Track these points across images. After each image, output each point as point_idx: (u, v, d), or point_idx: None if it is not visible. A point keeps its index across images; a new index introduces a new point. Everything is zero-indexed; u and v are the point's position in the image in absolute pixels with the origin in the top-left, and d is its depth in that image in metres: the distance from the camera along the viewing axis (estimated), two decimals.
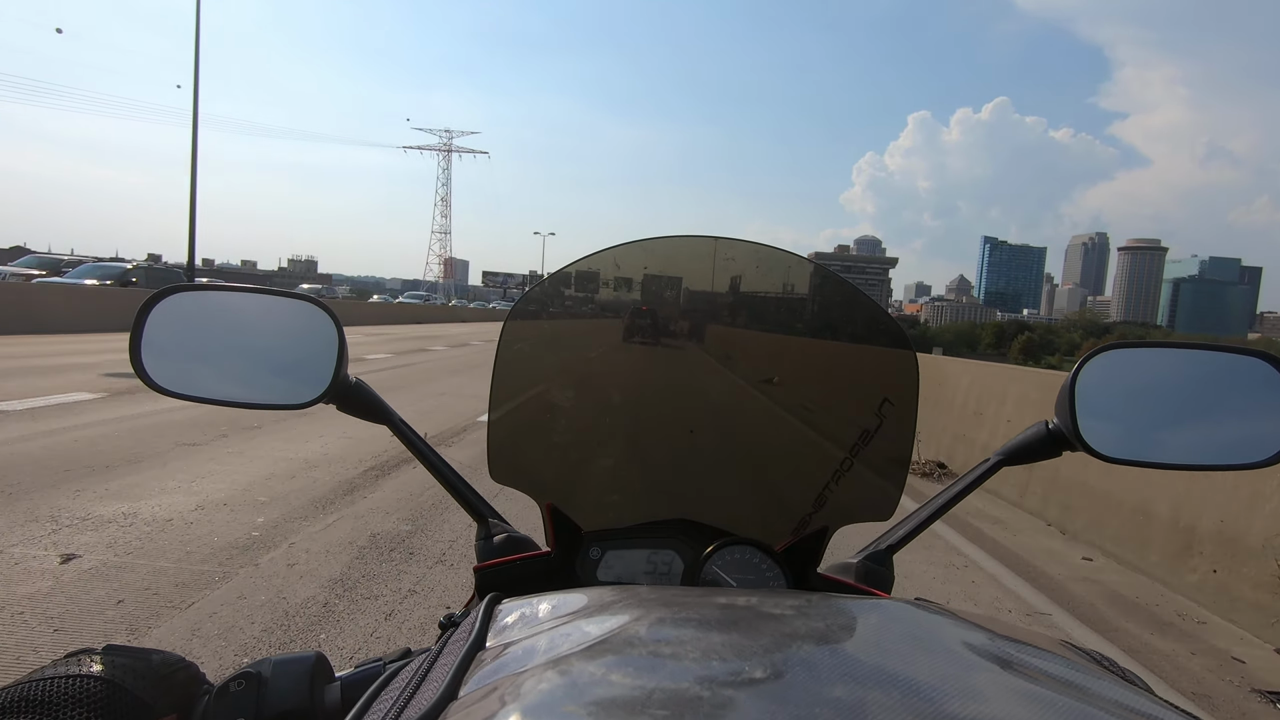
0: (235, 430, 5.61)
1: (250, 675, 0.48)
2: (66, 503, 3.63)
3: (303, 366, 0.71)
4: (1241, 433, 0.69)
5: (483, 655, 0.40)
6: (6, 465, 4.18)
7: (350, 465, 4.90)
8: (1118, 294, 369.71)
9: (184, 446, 5.04)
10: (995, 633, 0.42)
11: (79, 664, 0.43)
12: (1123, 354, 0.73)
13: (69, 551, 3.00)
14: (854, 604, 0.47)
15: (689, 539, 0.76)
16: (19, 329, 12.01)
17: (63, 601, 2.58)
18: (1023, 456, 0.75)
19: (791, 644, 0.38)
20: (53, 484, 3.92)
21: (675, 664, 0.35)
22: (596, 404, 0.83)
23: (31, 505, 3.55)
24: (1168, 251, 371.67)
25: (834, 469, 0.76)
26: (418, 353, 15.37)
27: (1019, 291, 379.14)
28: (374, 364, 11.92)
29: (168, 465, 4.52)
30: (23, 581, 2.71)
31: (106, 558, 2.99)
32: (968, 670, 0.36)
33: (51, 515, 3.43)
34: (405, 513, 3.97)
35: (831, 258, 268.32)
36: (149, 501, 3.77)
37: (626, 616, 0.41)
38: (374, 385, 0.77)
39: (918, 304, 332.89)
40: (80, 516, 3.45)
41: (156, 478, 4.23)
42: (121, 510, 3.59)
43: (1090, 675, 0.38)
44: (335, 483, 4.46)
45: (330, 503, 4.07)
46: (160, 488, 4.04)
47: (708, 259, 0.81)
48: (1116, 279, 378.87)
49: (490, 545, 0.75)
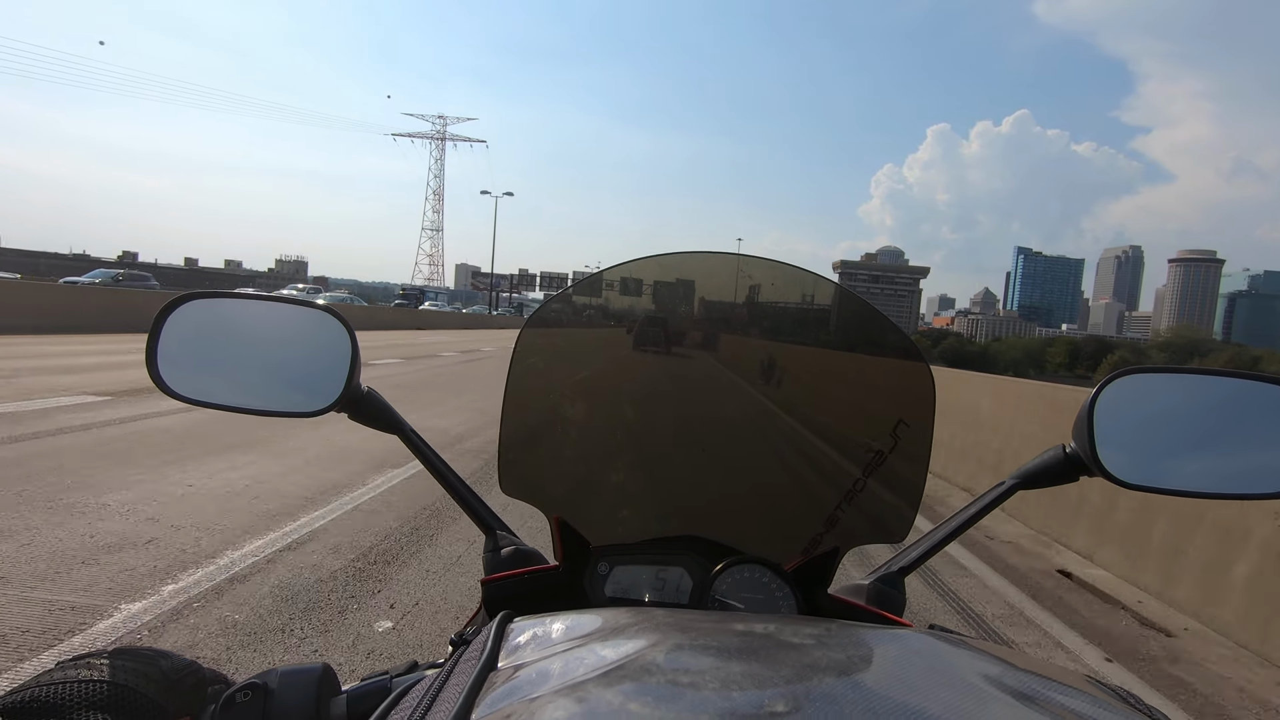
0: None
1: (257, 686, 0.48)
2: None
3: (315, 374, 0.71)
4: (1261, 461, 0.68)
5: (494, 676, 0.40)
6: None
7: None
8: (1168, 308, 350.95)
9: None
10: (1016, 666, 0.41)
11: (89, 667, 0.43)
12: (1142, 379, 0.71)
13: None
14: (874, 635, 0.46)
15: (698, 556, 0.75)
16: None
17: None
18: (1039, 480, 0.74)
19: (812, 676, 0.38)
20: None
21: (695, 694, 0.34)
22: (608, 418, 0.83)
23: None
24: (1224, 264, 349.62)
25: (847, 489, 0.75)
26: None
27: (1052, 305, 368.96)
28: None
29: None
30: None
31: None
32: (990, 706, 0.35)
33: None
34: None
35: (858, 267, 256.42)
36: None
37: (643, 641, 0.41)
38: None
39: (947, 317, 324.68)
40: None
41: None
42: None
43: (1115, 712, 0.37)
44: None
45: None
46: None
47: (722, 274, 0.81)
48: (1167, 292, 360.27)
49: (498, 558, 0.75)
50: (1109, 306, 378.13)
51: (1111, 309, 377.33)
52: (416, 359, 15.20)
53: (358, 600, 2.94)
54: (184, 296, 0.71)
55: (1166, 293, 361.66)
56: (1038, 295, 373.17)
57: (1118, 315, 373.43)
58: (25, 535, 3.19)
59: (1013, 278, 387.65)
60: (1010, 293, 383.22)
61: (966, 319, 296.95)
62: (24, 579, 2.76)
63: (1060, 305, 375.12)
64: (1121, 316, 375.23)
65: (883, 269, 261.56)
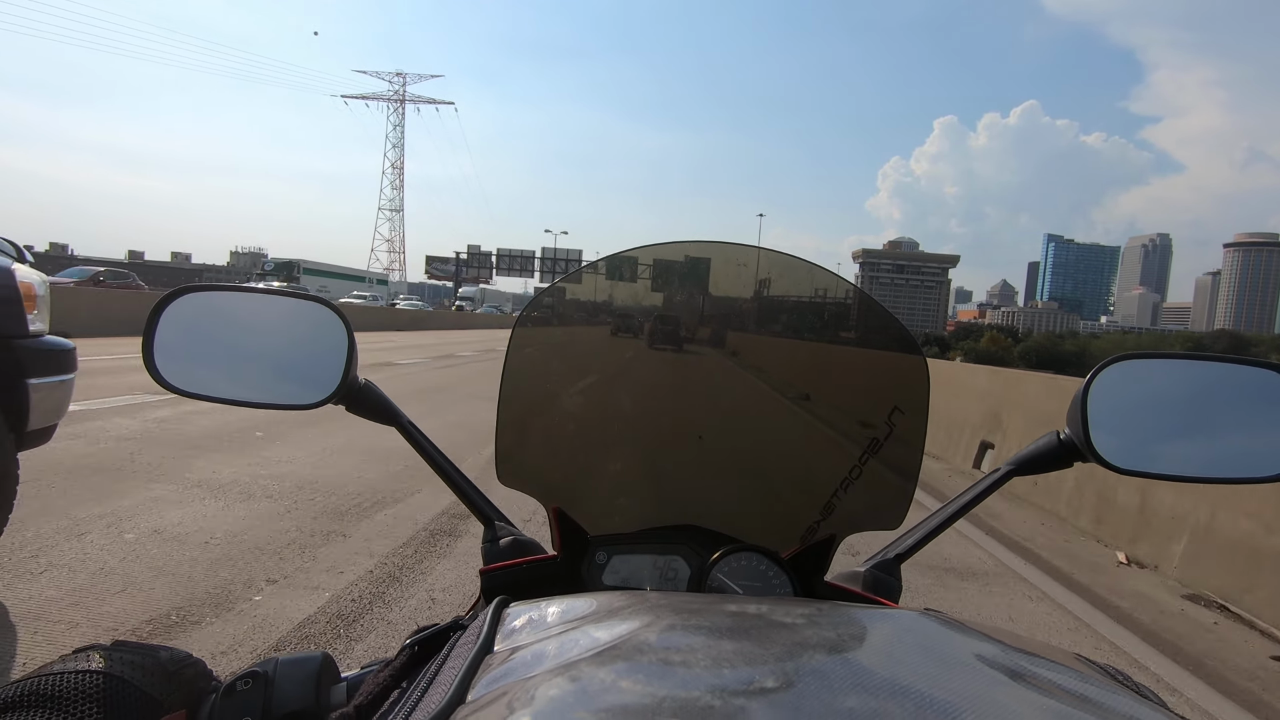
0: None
1: (257, 675, 0.49)
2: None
3: (312, 367, 0.72)
4: (1254, 445, 0.68)
5: (490, 659, 0.40)
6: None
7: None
8: (1226, 297, 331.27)
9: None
10: (1008, 645, 0.41)
11: (86, 660, 0.44)
12: (1135, 365, 0.71)
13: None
14: (866, 614, 0.46)
15: (696, 545, 0.75)
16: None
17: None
18: (1034, 467, 0.74)
19: (803, 653, 0.38)
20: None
21: (686, 672, 0.35)
22: (604, 408, 0.83)
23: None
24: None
25: (842, 477, 0.75)
26: None
27: (1083, 297, 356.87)
28: None
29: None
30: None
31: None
32: (980, 682, 0.36)
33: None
34: None
35: (881, 256, 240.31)
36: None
37: (636, 623, 0.41)
38: None
39: (972, 310, 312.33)
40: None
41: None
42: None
43: (1104, 689, 0.38)
44: None
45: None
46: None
47: (719, 264, 0.81)
48: (1225, 280, 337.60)
49: (497, 548, 0.76)
50: (1143, 297, 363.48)
51: (1146, 300, 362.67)
52: None
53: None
54: (180, 290, 0.71)
55: (1224, 280, 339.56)
56: (1069, 286, 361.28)
57: (1152, 306, 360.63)
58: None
59: (1042, 267, 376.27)
60: (1041, 283, 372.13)
61: (999, 312, 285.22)
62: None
63: (1094, 296, 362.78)
64: (1157, 308, 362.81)
65: (908, 258, 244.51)
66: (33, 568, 2.80)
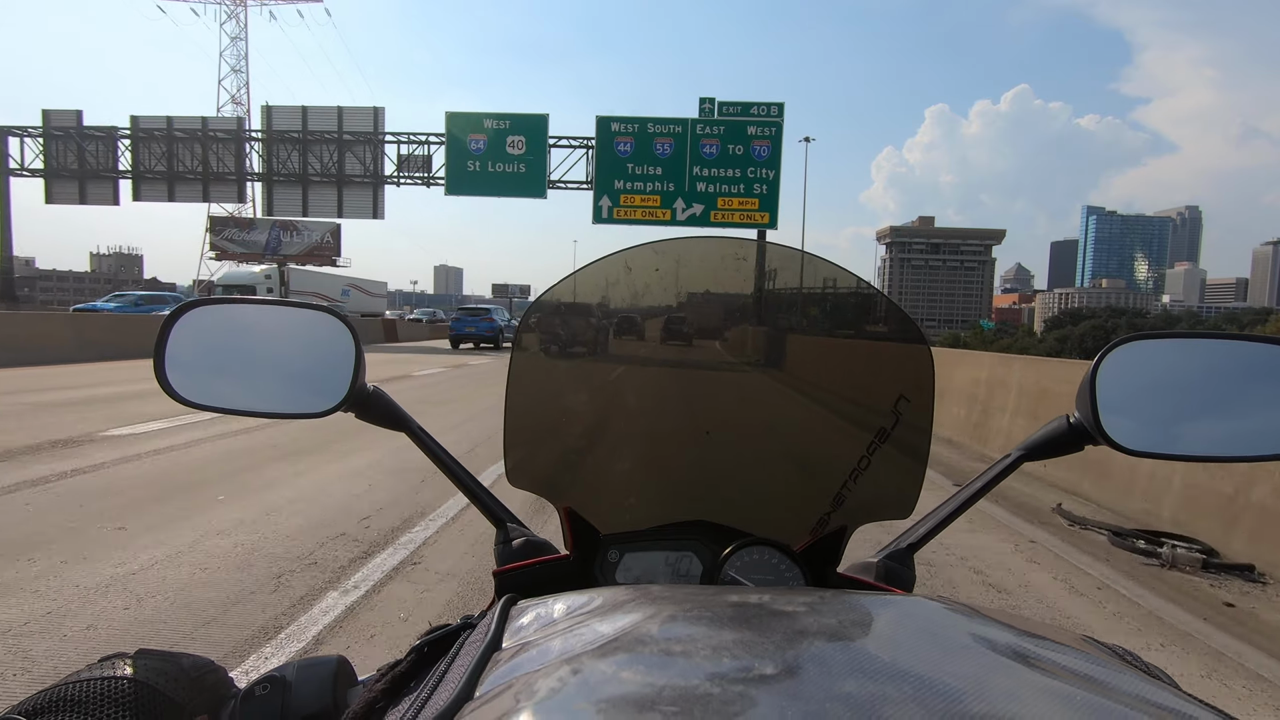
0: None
1: (275, 679, 0.50)
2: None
3: (321, 376, 0.73)
4: (1264, 423, 0.67)
5: (498, 656, 0.41)
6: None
7: None
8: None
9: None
10: (1014, 628, 0.41)
11: (112, 667, 0.46)
12: (1144, 345, 0.70)
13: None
14: (867, 600, 0.46)
15: (707, 540, 0.76)
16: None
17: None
18: (1044, 451, 0.73)
19: (803, 640, 0.38)
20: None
21: (686, 661, 0.35)
22: (612, 407, 0.84)
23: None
24: None
25: (851, 467, 0.75)
26: None
27: (1126, 276, 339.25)
28: None
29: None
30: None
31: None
32: (984, 665, 0.36)
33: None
34: None
35: (913, 234, 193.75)
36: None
37: (639, 615, 0.42)
38: None
39: (1012, 294, 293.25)
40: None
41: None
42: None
43: (1113, 670, 0.37)
44: None
45: None
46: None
47: (717, 259, 0.81)
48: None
49: (509, 550, 0.76)
50: (1189, 273, 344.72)
51: (1193, 276, 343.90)
52: None
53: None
54: (189, 303, 0.73)
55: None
56: (1114, 264, 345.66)
57: (1200, 283, 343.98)
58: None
59: (1082, 245, 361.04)
60: (1081, 262, 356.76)
61: (1052, 294, 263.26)
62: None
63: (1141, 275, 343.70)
64: (1203, 282, 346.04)
65: (944, 234, 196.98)
66: None
